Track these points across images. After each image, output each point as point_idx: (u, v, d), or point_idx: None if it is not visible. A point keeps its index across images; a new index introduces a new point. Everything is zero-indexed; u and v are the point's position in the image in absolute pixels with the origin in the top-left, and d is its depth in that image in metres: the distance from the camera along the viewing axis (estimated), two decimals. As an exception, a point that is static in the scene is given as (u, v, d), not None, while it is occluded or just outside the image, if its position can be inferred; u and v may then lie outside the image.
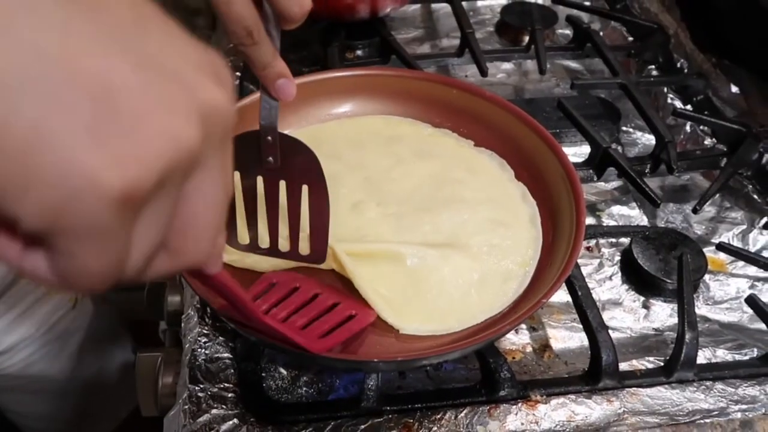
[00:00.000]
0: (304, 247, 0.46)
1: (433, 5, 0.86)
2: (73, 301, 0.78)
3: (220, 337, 0.46)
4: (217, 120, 0.21)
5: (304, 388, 0.46)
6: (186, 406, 0.42)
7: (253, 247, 0.46)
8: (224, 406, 0.43)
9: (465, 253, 0.48)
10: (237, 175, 0.44)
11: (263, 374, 0.46)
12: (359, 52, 0.75)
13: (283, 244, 0.46)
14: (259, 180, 0.44)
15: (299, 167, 0.44)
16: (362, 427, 0.42)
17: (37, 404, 0.83)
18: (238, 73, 0.70)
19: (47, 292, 0.74)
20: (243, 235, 0.46)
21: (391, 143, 0.57)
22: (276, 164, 0.44)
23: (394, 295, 0.46)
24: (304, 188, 0.44)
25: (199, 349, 0.46)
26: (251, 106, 0.54)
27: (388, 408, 0.43)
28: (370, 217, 0.50)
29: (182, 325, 0.48)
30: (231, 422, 0.42)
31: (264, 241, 0.46)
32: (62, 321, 0.77)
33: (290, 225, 0.45)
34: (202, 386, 0.43)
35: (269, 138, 0.43)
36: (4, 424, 0.85)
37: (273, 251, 0.46)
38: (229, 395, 0.43)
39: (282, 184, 0.44)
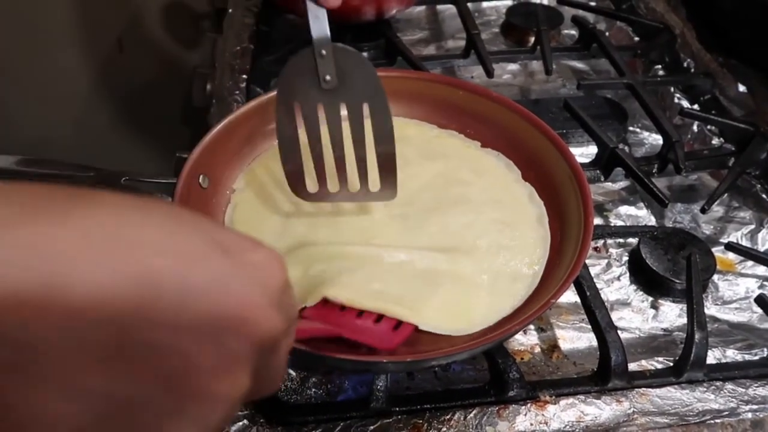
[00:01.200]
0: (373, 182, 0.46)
1: (439, 7, 0.86)
2: None
3: (229, 339, 0.46)
4: (289, 301, 0.26)
5: (313, 389, 0.46)
6: (196, 408, 0.42)
7: (322, 195, 0.45)
8: (234, 408, 0.43)
9: (473, 255, 0.48)
10: (297, 108, 0.44)
11: (272, 375, 0.46)
12: (365, 54, 0.76)
13: (353, 183, 0.46)
14: (320, 112, 0.43)
15: (357, 83, 0.42)
16: (371, 427, 0.42)
17: None
18: (244, 76, 0.71)
19: None
20: (310, 184, 0.46)
21: (397, 145, 0.57)
22: (334, 84, 0.42)
23: (405, 293, 0.45)
24: (365, 107, 0.43)
25: (208, 351, 0.46)
26: (260, 107, 0.55)
27: (397, 409, 0.43)
28: (376, 219, 0.50)
29: (191, 326, 0.49)
30: (241, 423, 0.42)
31: (334, 184, 0.45)
32: None
33: (357, 159, 0.45)
34: (211, 388, 0.44)
35: (323, 52, 0.42)
36: None
37: (343, 194, 0.46)
38: (239, 396, 0.43)
39: (343, 107, 0.43)
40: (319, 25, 0.42)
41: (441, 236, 0.49)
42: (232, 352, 0.22)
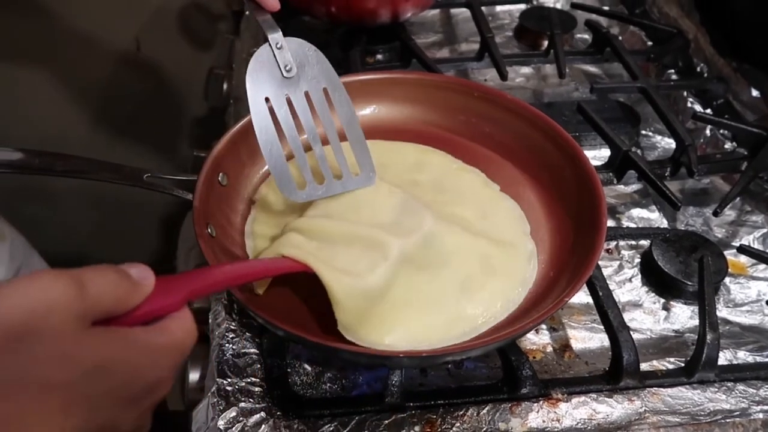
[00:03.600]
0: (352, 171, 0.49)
1: (453, 10, 0.87)
2: None
3: (247, 333, 0.47)
4: None
5: (328, 384, 0.47)
6: (214, 400, 0.43)
7: (311, 192, 0.48)
8: (251, 400, 0.44)
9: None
10: (264, 108, 0.47)
11: (288, 370, 0.47)
12: (380, 57, 0.77)
13: (335, 172, 0.49)
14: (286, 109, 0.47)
15: (314, 69, 0.48)
16: (386, 422, 0.43)
17: None
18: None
19: None
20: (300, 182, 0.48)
21: (414, 170, 0.56)
22: (294, 72, 0.47)
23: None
24: (325, 90, 0.48)
25: (226, 345, 0.47)
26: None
27: (411, 404, 0.44)
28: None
29: (209, 321, 0.50)
30: (258, 416, 0.43)
31: (318, 176, 0.48)
32: None
33: (333, 147, 0.48)
34: (229, 380, 0.45)
35: (279, 44, 0.46)
36: None
37: (328, 186, 0.48)
38: (256, 389, 0.44)
39: (306, 95, 0.48)
40: (269, 23, 0.47)
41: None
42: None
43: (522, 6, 0.86)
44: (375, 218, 0.48)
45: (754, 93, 0.69)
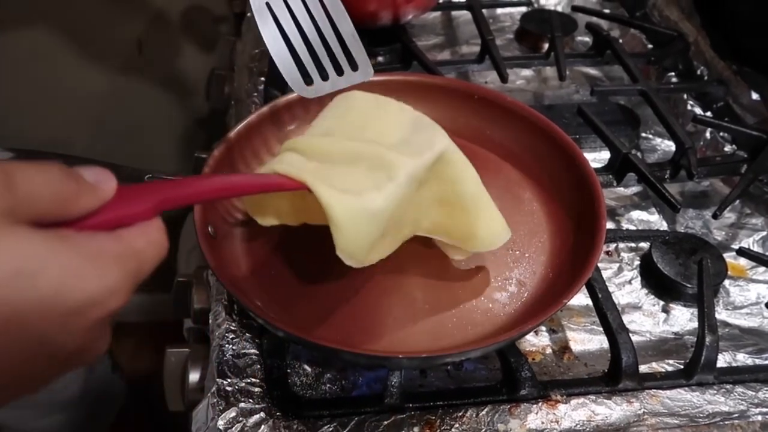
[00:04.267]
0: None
1: (453, 12, 0.87)
2: None
3: (247, 334, 0.48)
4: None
5: (328, 385, 0.47)
6: (214, 400, 0.44)
7: (317, 89, 0.50)
8: (251, 401, 0.44)
9: None
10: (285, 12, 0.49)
11: (288, 370, 0.47)
12: (380, 59, 0.77)
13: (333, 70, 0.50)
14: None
15: None
16: (385, 423, 0.43)
17: (35, 418, 0.84)
18: (262, 78, 0.72)
19: None
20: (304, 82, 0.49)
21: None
22: None
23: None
24: None
25: (226, 345, 0.47)
26: (278, 109, 0.56)
27: (411, 405, 0.44)
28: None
29: (209, 321, 0.50)
30: (258, 416, 0.43)
31: (314, 75, 0.49)
32: None
33: (332, 44, 0.49)
34: (229, 381, 0.45)
35: None
36: None
37: (334, 83, 0.50)
38: (256, 390, 0.44)
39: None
40: None
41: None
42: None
43: (523, 8, 0.87)
44: (382, 137, 0.45)
45: (754, 96, 0.69)
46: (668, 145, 0.69)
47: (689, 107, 0.72)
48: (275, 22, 0.49)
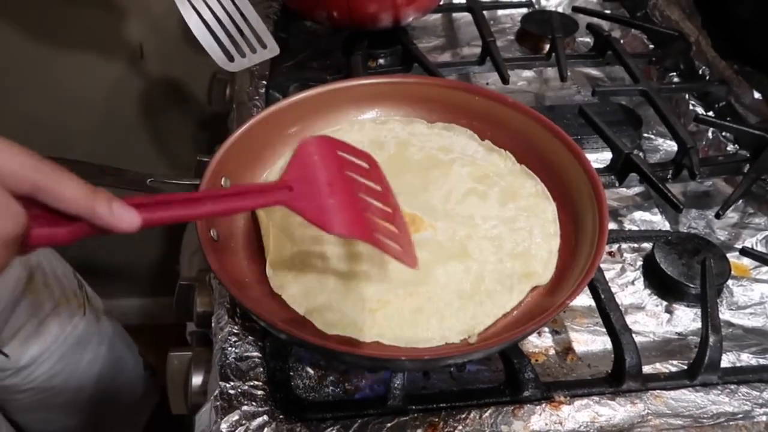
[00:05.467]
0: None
1: (454, 14, 0.87)
2: (83, 308, 0.80)
3: (250, 337, 0.48)
4: None
5: (331, 388, 0.47)
6: (217, 403, 0.44)
7: (240, 63, 0.63)
8: (254, 403, 0.44)
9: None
10: None
11: (291, 373, 0.47)
12: (381, 61, 0.77)
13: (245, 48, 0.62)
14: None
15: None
16: (389, 425, 0.43)
17: (59, 419, 0.84)
18: (264, 81, 0.72)
19: (58, 303, 0.76)
20: None
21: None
22: None
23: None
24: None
25: (229, 348, 0.47)
26: (280, 111, 0.56)
27: (414, 407, 0.44)
28: None
29: (212, 324, 0.50)
30: (261, 419, 0.43)
31: (233, 53, 0.62)
32: (75, 330, 0.79)
33: (241, 26, 0.63)
34: (232, 384, 0.45)
35: None
36: None
37: (250, 58, 0.63)
38: (259, 393, 0.44)
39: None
40: None
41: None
42: None
43: (523, 10, 0.87)
44: None
45: (756, 95, 0.69)
46: (670, 145, 0.69)
47: (691, 107, 0.71)
48: (194, 9, 0.60)
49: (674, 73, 0.77)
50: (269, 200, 0.40)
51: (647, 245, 0.57)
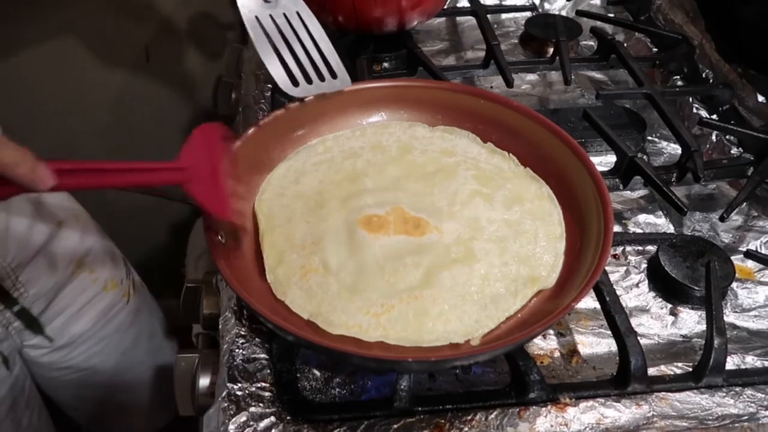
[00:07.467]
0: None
1: (458, 18, 0.88)
2: (127, 296, 0.81)
3: (257, 338, 0.48)
4: None
5: (337, 389, 0.47)
6: (225, 404, 0.44)
7: (305, 89, 0.56)
8: (261, 405, 0.44)
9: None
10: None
11: (298, 375, 0.47)
12: (386, 65, 0.77)
13: (313, 76, 0.57)
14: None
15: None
16: (395, 426, 0.43)
17: (94, 399, 0.86)
18: (269, 85, 0.73)
19: (103, 289, 0.77)
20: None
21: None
22: None
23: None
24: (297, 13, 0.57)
25: (236, 350, 0.47)
26: (285, 115, 0.57)
27: (420, 408, 0.44)
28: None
29: (219, 327, 0.50)
30: (268, 420, 0.43)
31: (299, 78, 0.56)
32: (117, 316, 0.80)
33: (312, 54, 0.57)
34: (240, 385, 0.45)
35: None
36: (66, 419, 0.88)
37: (318, 86, 0.57)
38: (266, 394, 0.45)
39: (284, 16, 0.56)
40: None
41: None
42: None
43: (527, 14, 0.87)
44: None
45: (760, 99, 0.69)
46: (674, 149, 0.69)
47: (695, 110, 0.72)
48: (264, 33, 0.56)
49: (678, 77, 0.77)
50: (164, 178, 0.47)
51: (652, 248, 0.58)
